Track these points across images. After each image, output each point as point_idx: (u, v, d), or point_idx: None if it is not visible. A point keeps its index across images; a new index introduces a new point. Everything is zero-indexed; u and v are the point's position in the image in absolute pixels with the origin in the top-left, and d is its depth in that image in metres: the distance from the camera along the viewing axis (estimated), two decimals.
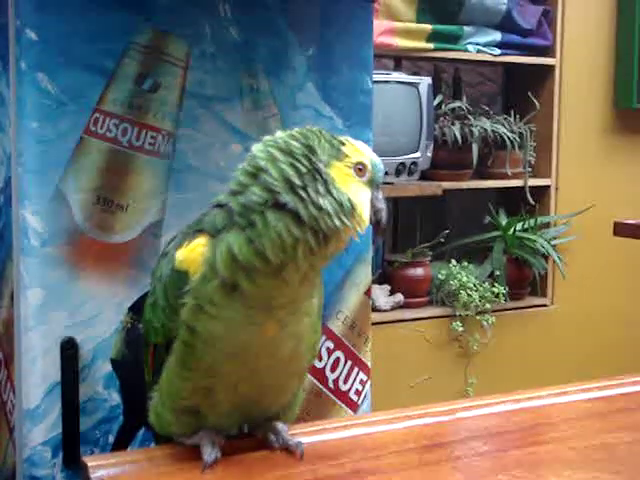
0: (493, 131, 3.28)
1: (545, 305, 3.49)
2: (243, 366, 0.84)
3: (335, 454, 0.81)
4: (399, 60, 3.38)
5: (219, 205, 0.85)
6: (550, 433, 0.87)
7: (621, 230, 2.68)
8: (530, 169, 3.45)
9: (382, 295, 3.16)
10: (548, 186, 3.50)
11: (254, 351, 0.83)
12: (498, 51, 3.38)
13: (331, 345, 1.93)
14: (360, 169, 0.86)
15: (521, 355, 3.38)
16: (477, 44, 3.35)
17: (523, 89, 3.53)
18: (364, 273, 1.99)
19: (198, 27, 1.63)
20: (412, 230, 3.43)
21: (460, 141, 3.18)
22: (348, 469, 0.77)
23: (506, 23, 3.39)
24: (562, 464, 0.78)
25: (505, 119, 3.40)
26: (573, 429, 0.87)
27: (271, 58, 1.74)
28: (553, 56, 3.50)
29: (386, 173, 3.00)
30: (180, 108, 1.61)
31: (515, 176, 3.40)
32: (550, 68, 3.50)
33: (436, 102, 3.28)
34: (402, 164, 3.05)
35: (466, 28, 3.31)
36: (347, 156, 0.86)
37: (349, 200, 0.82)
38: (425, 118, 3.10)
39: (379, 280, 3.23)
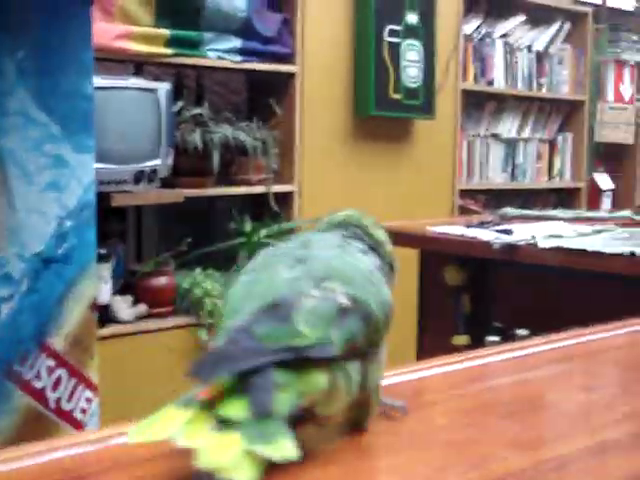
0: (234, 138, 3.28)
1: None
2: None
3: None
4: (140, 65, 3.30)
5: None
6: None
7: None
8: (273, 175, 3.48)
9: (124, 306, 3.07)
10: (292, 192, 3.55)
11: None
12: (239, 58, 3.38)
13: (52, 363, 1.84)
14: None
15: None
16: (217, 50, 3.33)
17: (265, 96, 3.56)
18: (89, 286, 1.91)
19: None
20: (155, 239, 3.36)
21: (201, 148, 3.15)
22: None
23: (246, 30, 3.40)
24: None
25: (247, 126, 3.41)
26: None
27: None
28: (294, 63, 3.55)
29: (124, 181, 2.92)
30: None
31: (259, 182, 3.42)
32: (291, 75, 3.55)
33: (177, 108, 3.23)
34: (141, 171, 2.98)
35: (206, 34, 3.29)
36: None
37: None
38: (165, 124, 3.04)
39: (121, 291, 3.13)
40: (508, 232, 2.45)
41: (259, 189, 3.43)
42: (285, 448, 0.59)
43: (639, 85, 5.24)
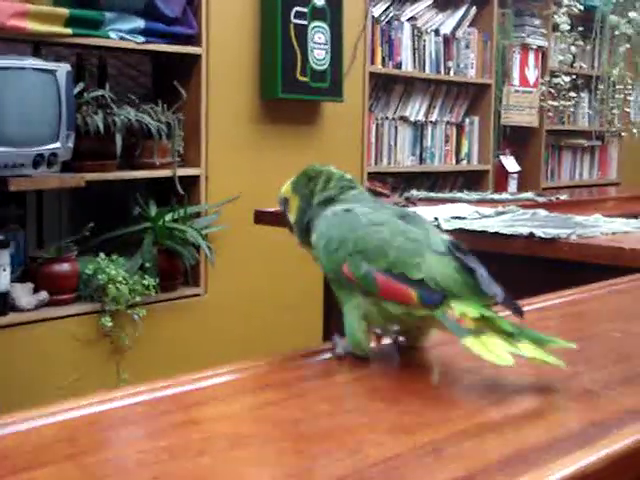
0: (138, 120, 3.22)
1: (198, 295, 3.50)
2: None
3: None
4: (39, 46, 3.20)
5: None
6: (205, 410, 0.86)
7: (261, 218, 2.74)
8: (179, 159, 3.43)
9: (25, 294, 2.99)
10: (198, 176, 3.50)
11: None
12: (142, 39, 3.31)
13: None
14: None
15: (176, 346, 3.36)
16: (120, 31, 3.26)
17: (170, 78, 3.49)
18: None
19: None
20: (57, 224, 3.27)
21: (103, 131, 3.08)
22: None
23: (149, 10, 3.33)
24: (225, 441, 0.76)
25: (152, 108, 3.34)
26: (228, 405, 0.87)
27: None
28: (199, 45, 3.49)
29: (22, 165, 2.83)
30: None
31: (164, 166, 3.36)
32: (196, 57, 3.49)
33: (78, 90, 3.15)
34: (40, 155, 2.89)
35: (107, 14, 3.21)
36: None
37: None
38: (65, 107, 2.96)
39: (22, 278, 3.05)
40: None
41: (164, 173, 3.37)
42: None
43: (543, 69, 5.34)
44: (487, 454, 0.73)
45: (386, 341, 1.05)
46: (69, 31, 3.08)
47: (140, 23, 3.31)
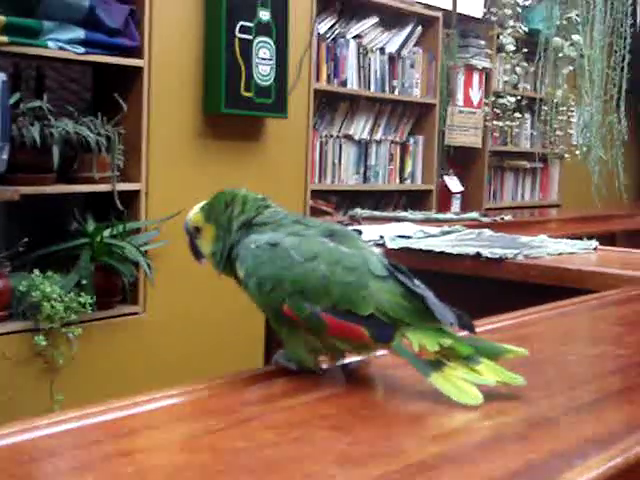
0: (77, 133, 3.12)
1: (136, 313, 3.40)
2: None
3: None
4: None
5: None
6: (140, 440, 0.78)
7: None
8: (119, 173, 3.33)
9: None
10: (138, 190, 3.41)
11: None
12: (82, 49, 3.21)
13: None
14: None
15: (112, 366, 3.26)
16: (59, 40, 3.16)
17: (110, 90, 3.40)
18: None
19: None
20: None
21: (40, 143, 2.98)
22: None
23: (90, 20, 3.24)
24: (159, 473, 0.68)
25: (91, 121, 3.25)
26: (164, 434, 0.81)
27: None
28: (141, 57, 3.41)
29: None
30: None
31: (103, 180, 3.26)
32: (138, 70, 3.41)
33: (14, 100, 3.04)
34: None
35: (46, 23, 3.11)
36: None
37: None
38: (0, 117, 2.86)
39: None
40: (357, 233, 2.41)
41: (103, 187, 3.27)
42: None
43: (487, 90, 5.36)
44: None
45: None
46: (5, 39, 2.97)
47: (80, 33, 3.22)
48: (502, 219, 3.44)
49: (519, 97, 5.02)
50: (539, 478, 0.68)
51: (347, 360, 1.00)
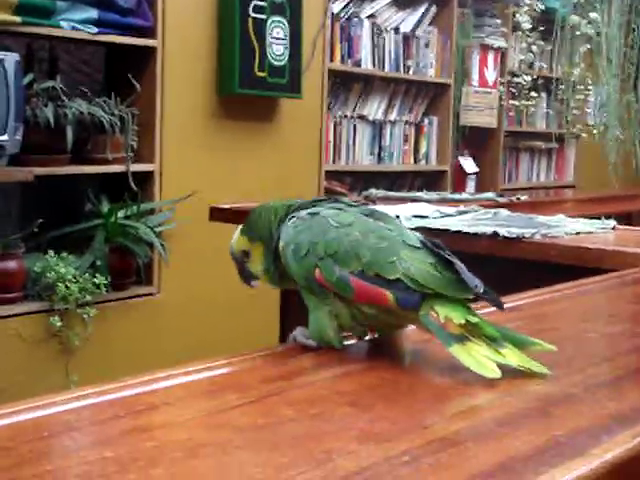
0: (90, 114, 3.11)
1: (151, 294, 3.40)
2: None
3: None
4: None
5: None
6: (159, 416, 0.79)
7: (216, 215, 2.66)
8: (132, 154, 3.32)
9: None
10: (152, 171, 3.40)
11: None
12: (95, 29, 3.20)
13: None
14: None
15: (127, 347, 3.26)
16: (72, 20, 3.15)
17: (124, 70, 3.39)
18: None
19: None
20: (3, 220, 3.16)
21: (54, 124, 2.97)
22: None
23: (103, 0, 3.23)
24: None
25: (105, 101, 3.24)
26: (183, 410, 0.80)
27: None
28: (154, 37, 3.39)
29: None
30: None
31: (117, 161, 3.26)
32: (151, 50, 3.39)
33: (28, 81, 3.04)
34: None
35: (59, 2, 3.10)
36: None
37: None
38: (13, 98, 2.85)
39: None
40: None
41: (117, 168, 3.26)
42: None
43: (502, 70, 5.32)
44: (468, 465, 0.67)
45: (353, 340, 0.99)
46: (18, 19, 2.97)
47: (93, 13, 3.21)
48: (518, 199, 3.42)
49: (535, 76, 4.97)
50: (567, 454, 0.67)
51: (368, 337, 0.99)
